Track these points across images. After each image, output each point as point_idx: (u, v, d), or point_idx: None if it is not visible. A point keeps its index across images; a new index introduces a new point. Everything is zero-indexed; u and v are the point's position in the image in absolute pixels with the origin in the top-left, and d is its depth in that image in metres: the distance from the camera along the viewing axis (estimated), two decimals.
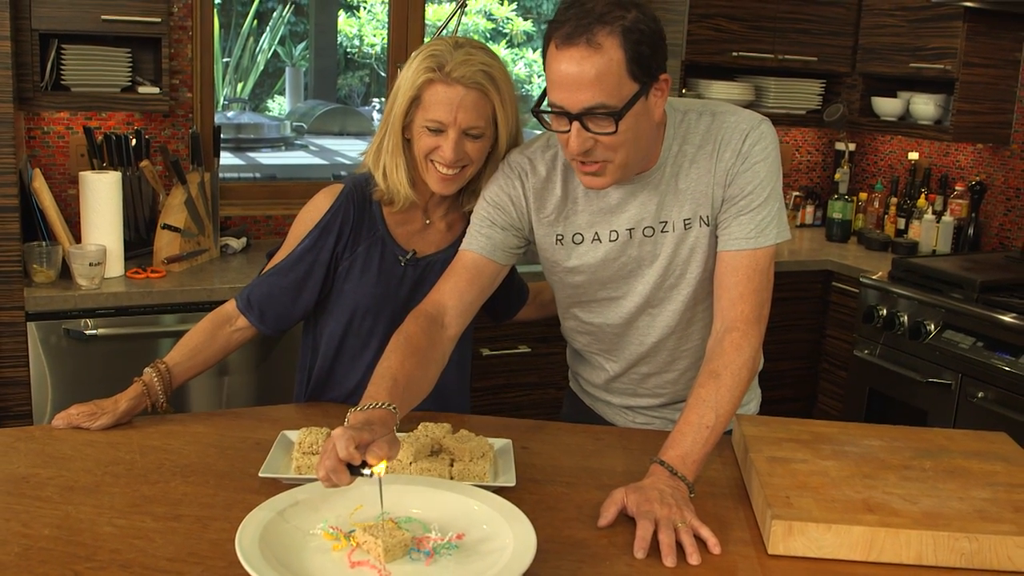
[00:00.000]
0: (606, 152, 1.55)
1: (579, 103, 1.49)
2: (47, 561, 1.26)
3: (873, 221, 4.02)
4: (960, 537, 1.34)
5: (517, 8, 9.77)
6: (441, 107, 1.68)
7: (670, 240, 1.71)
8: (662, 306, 1.77)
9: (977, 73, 3.48)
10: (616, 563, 1.32)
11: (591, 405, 1.99)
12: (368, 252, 1.82)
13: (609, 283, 1.76)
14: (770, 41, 3.79)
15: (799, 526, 1.35)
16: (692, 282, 1.73)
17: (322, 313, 1.88)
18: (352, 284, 1.82)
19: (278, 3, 9.87)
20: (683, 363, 1.84)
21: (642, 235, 1.71)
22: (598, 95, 1.48)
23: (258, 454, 1.59)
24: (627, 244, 1.72)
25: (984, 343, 2.93)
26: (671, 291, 1.75)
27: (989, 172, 3.71)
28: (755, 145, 1.66)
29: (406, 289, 1.84)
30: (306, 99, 9.39)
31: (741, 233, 1.65)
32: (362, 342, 1.86)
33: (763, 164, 1.66)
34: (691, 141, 1.68)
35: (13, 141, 2.49)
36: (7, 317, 2.56)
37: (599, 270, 1.75)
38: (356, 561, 1.25)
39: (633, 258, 1.73)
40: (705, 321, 1.78)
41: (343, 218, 1.80)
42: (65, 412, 1.69)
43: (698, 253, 1.71)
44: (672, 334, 1.79)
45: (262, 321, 1.83)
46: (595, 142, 1.53)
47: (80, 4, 2.72)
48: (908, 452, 1.62)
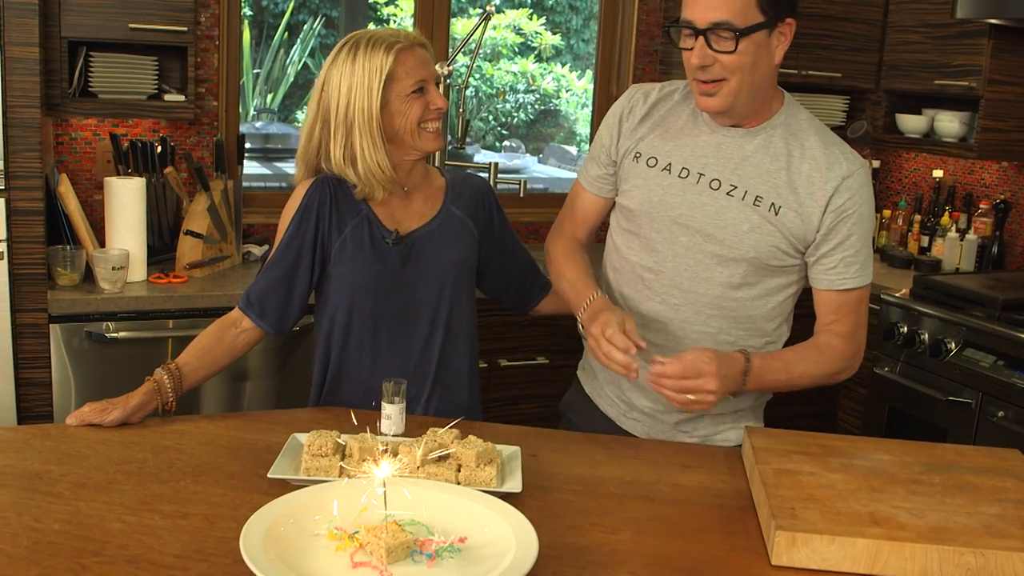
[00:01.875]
0: (723, 71, 1.68)
1: (707, 19, 1.64)
2: (56, 555, 1.29)
3: (897, 238, 3.99)
4: (966, 552, 1.33)
5: (546, 23, 9.81)
6: (417, 69, 1.80)
7: (734, 205, 1.77)
8: (695, 271, 1.81)
9: (1002, 91, 3.46)
10: (619, 571, 1.32)
11: (591, 393, 2.00)
12: (357, 231, 1.85)
13: (657, 219, 1.82)
14: (794, 57, 3.78)
15: (803, 537, 1.34)
16: (737, 259, 1.78)
17: (325, 303, 1.90)
18: (347, 265, 1.85)
19: (309, 16, 9.97)
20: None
21: (708, 186, 1.78)
22: (725, 13, 1.63)
23: (268, 456, 1.61)
24: (689, 186, 1.80)
25: (1005, 362, 2.89)
26: (710, 259, 1.79)
27: (1014, 190, 3.67)
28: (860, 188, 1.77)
29: (397, 265, 1.87)
30: None
31: (849, 273, 1.78)
32: (370, 326, 1.88)
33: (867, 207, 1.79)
34: (800, 139, 1.78)
35: (39, 146, 2.53)
36: (31, 319, 2.60)
37: (656, 203, 1.82)
38: (358, 562, 1.26)
39: (688, 203, 1.80)
40: (728, 324, 1.81)
41: (319, 200, 1.84)
42: (78, 411, 1.72)
43: (754, 235, 1.76)
44: (691, 307, 1.82)
45: (263, 318, 1.86)
46: (715, 60, 1.67)
47: (108, 12, 2.77)
48: (918, 467, 1.61)
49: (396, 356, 1.88)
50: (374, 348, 1.88)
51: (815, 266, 1.79)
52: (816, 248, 1.77)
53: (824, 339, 1.81)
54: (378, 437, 1.59)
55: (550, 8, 9.59)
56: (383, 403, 1.70)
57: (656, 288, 1.84)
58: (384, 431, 1.70)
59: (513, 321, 3.04)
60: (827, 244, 1.76)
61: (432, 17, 3.63)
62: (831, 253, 1.76)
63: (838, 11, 3.78)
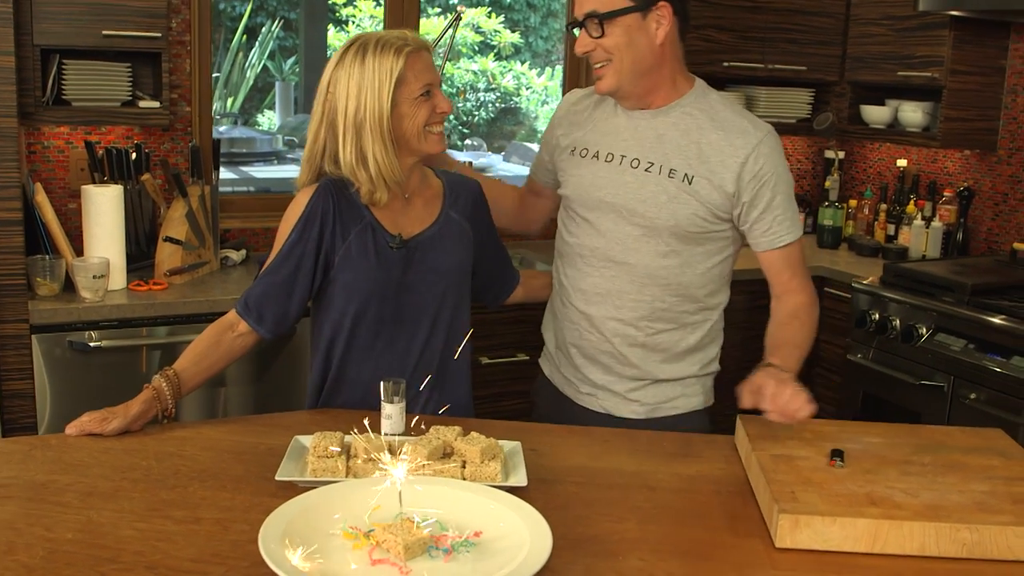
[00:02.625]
0: (604, 53, 1.89)
1: (581, 12, 1.89)
2: (73, 564, 1.29)
3: (863, 227, 4.08)
4: (961, 528, 1.38)
5: (505, 21, 9.83)
6: (425, 72, 1.83)
7: (652, 179, 1.94)
8: (625, 243, 1.98)
9: (964, 80, 3.55)
10: (628, 557, 1.36)
11: (550, 375, 2.17)
12: (361, 237, 1.86)
13: (589, 202, 2.01)
14: (760, 51, 3.85)
15: (805, 519, 1.39)
16: (659, 228, 1.94)
17: (327, 308, 1.91)
18: (352, 272, 1.86)
19: (267, 18, 9.90)
20: (610, 326, 2.00)
21: (630, 166, 1.96)
22: (593, 4, 1.87)
23: (272, 459, 1.62)
24: (614, 168, 1.98)
25: (975, 345, 2.98)
26: (638, 231, 1.96)
27: (977, 178, 3.77)
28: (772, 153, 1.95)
29: (400, 270, 1.89)
30: (296, 113, 9.42)
31: (782, 229, 1.95)
32: (373, 331, 1.90)
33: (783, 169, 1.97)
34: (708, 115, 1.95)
35: (16, 155, 2.51)
36: (12, 330, 2.58)
37: (588, 187, 2.00)
38: (377, 559, 1.28)
39: (613, 183, 1.97)
40: (661, 291, 1.98)
41: (323, 208, 1.85)
42: (77, 421, 1.72)
43: (671, 205, 1.93)
44: (626, 277, 1.98)
45: (260, 322, 1.86)
46: (595, 45, 1.89)
47: (81, 20, 2.75)
48: (907, 448, 1.66)
49: (397, 358, 1.90)
50: (375, 351, 1.90)
51: (752, 231, 1.96)
52: (746, 216, 1.94)
53: (791, 303, 1.98)
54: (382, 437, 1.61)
55: (508, 6, 9.59)
56: (383, 403, 1.72)
57: (594, 264, 2.01)
58: (385, 431, 1.72)
59: (493, 319, 3.07)
60: (756, 210, 1.93)
61: (402, 17, 3.64)
62: (762, 217, 1.93)
63: (802, 5, 3.85)
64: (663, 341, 2.00)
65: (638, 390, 2.03)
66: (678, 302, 1.99)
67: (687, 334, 2.02)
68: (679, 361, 2.03)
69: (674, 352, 2.02)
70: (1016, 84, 3.58)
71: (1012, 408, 2.83)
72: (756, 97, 3.97)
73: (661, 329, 1.99)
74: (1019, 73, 3.57)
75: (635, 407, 2.03)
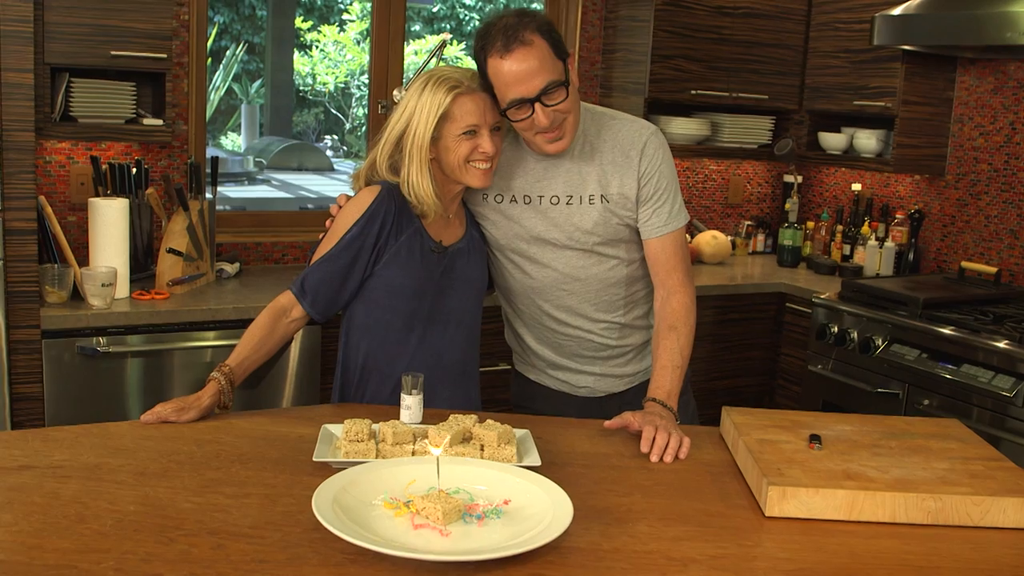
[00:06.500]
0: (564, 117, 1.98)
1: (535, 88, 1.92)
2: (140, 531, 1.43)
3: (820, 247, 4.32)
4: (927, 498, 1.57)
5: (466, 48, 10.03)
6: (473, 114, 1.97)
7: (575, 211, 2.09)
8: (567, 271, 2.16)
9: (915, 110, 3.81)
10: (638, 524, 1.53)
11: (523, 371, 2.35)
12: (410, 241, 2.04)
13: (522, 242, 2.15)
14: (725, 80, 4.08)
15: (791, 491, 1.57)
16: (592, 247, 2.13)
17: (367, 301, 2.07)
18: (399, 268, 2.03)
19: (232, 42, 10.00)
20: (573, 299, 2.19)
21: (550, 203, 2.10)
22: (546, 76, 1.92)
23: (304, 445, 1.77)
24: (535, 209, 2.11)
25: (928, 355, 3.20)
26: (576, 257, 2.14)
27: (926, 201, 4.03)
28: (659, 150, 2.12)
29: (437, 274, 2.07)
30: (261, 135, 9.53)
31: (660, 221, 2.11)
32: (408, 324, 2.07)
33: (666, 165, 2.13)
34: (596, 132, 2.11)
35: (33, 168, 2.64)
36: (24, 335, 2.69)
37: (517, 228, 2.13)
38: (418, 524, 1.43)
39: (541, 221, 2.11)
40: (610, 296, 2.18)
41: (386, 208, 2.02)
42: (152, 410, 1.86)
43: (600, 227, 2.10)
44: (576, 296, 2.18)
45: (313, 306, 2.02)
46: (556, 112, 1.95)
47: (90, 40, 2.88)
48: (875, 434, 1.85)
49: (423, 355, 2.07)
50: (409, 345, 2.07)
51: (641, 222, 2.12)
52: (639, 210, 2.11)
53: (669, 307, 2.12)
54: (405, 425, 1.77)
55: (468, 33, 9.80)
56: (403, 395, 1.88)
57: (551, 289, 2.17)
58: (404, 420, 1.87)
59: None
60: (645, 204, 2.11)
61: (388, 43, 3.82)
62: (649, 208, 2.11)
63: (764, 38, 4.10)
64: (637, 317, 2.24)
65: (629, 363, 2.27)
66: (639, 287, 2.22)
67: (650, 300, 2.24)
68: (648, 327, 2.26)
69: (647, 321, 2.26)
70: (962, 114, 3.86)
71: (962, 412, 3.06)
72: (720, 124, 4.20)
73: (633, 307, 2.22)
74: (965, 104, 3.84)
75: (628, 380, 2.27)
